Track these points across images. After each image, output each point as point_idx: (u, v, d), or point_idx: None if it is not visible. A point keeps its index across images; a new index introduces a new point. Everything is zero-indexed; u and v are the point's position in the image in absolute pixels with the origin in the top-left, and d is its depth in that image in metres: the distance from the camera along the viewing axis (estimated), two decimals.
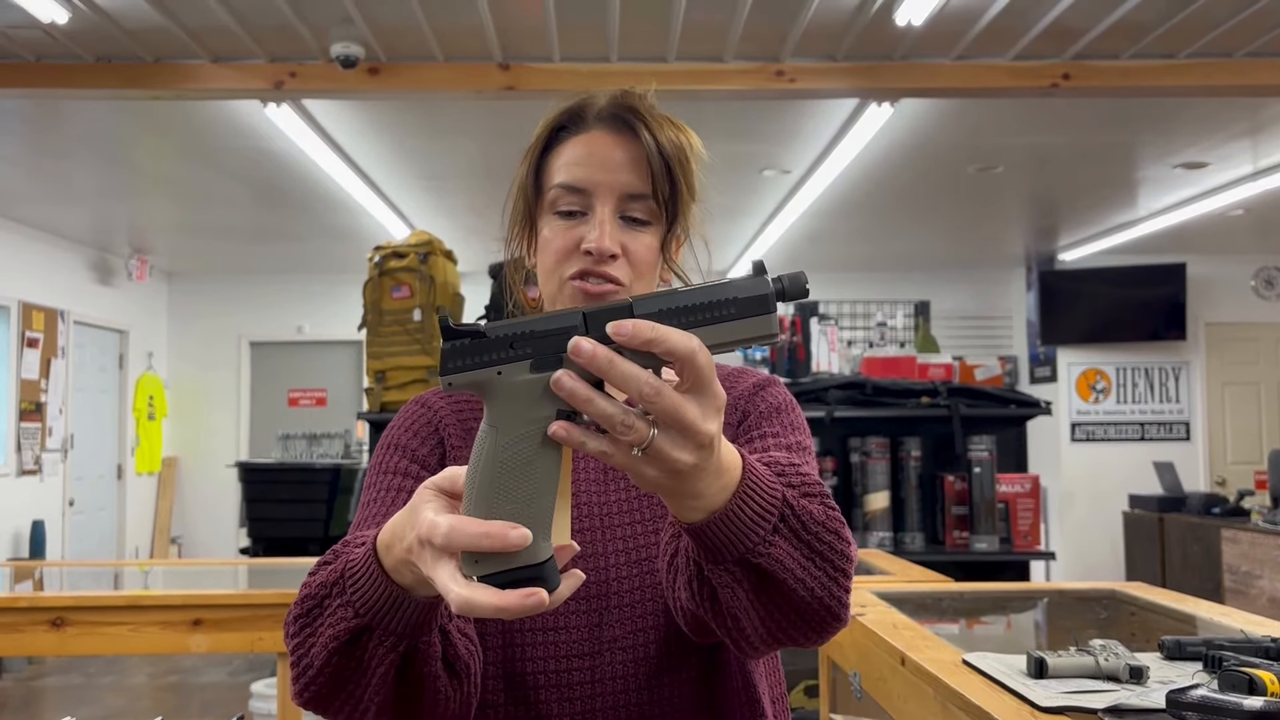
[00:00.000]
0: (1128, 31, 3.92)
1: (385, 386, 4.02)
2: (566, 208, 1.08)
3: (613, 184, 1.07)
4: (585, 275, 1.06)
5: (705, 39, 3.98)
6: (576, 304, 1.05)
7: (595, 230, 1.05)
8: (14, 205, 6.78)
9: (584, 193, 1.07)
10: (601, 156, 1.07)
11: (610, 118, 1.09)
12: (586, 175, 1.07)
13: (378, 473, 1.12)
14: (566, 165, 1.08)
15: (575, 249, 1.06)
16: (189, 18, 3.76)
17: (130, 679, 6.44)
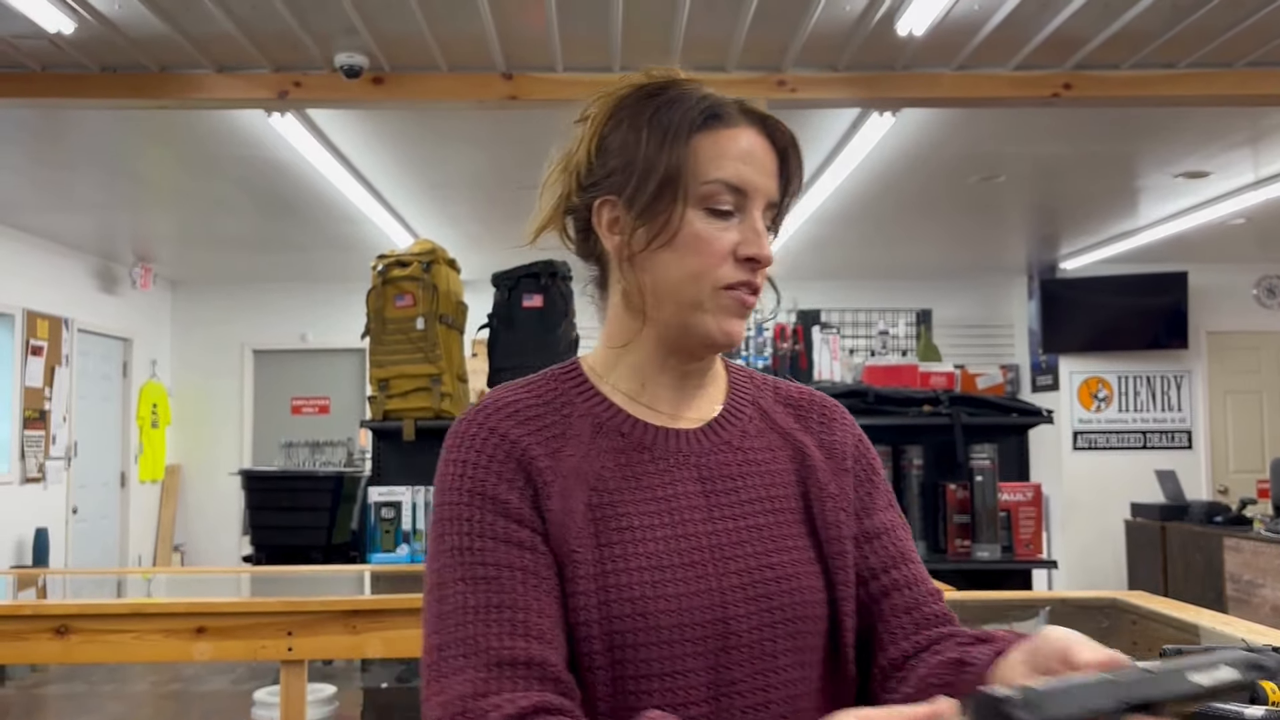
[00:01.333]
0: (1128, 41, 3.94)
1: (388, 395, 4.03)
2: (722, 206, 0.99)
3: (765, 189, 1.01)
4: (740, 286, 1.00)
5: (707, 49, 4.00)
6: (729, 317, 1.01)
7: (758, 238, 1.00)
8: (19, 213, 6.80)
9: (743, 194, 1.00)
10: (759, 158, 1.02)
11: (754, 117, 1.04)
12: (750, 176, 1.00)
13: (472, 534, 0.94)
14: (727, 160, 1.00)
15: (729, 254, 0.99)
16: (194, 28, 3.78)
17: (133, 687, 6.44)
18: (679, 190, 0.99)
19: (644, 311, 1.02)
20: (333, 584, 3.48)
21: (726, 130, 1.01)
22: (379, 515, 3.81)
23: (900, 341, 8.69)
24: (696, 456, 1.03)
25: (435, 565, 0.95)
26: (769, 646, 0.97)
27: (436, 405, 3.96)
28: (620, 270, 1.04)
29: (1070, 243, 8.02)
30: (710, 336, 1.01)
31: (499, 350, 4.10)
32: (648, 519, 0.98)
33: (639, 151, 1.00)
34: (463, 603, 0.91)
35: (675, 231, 0.99)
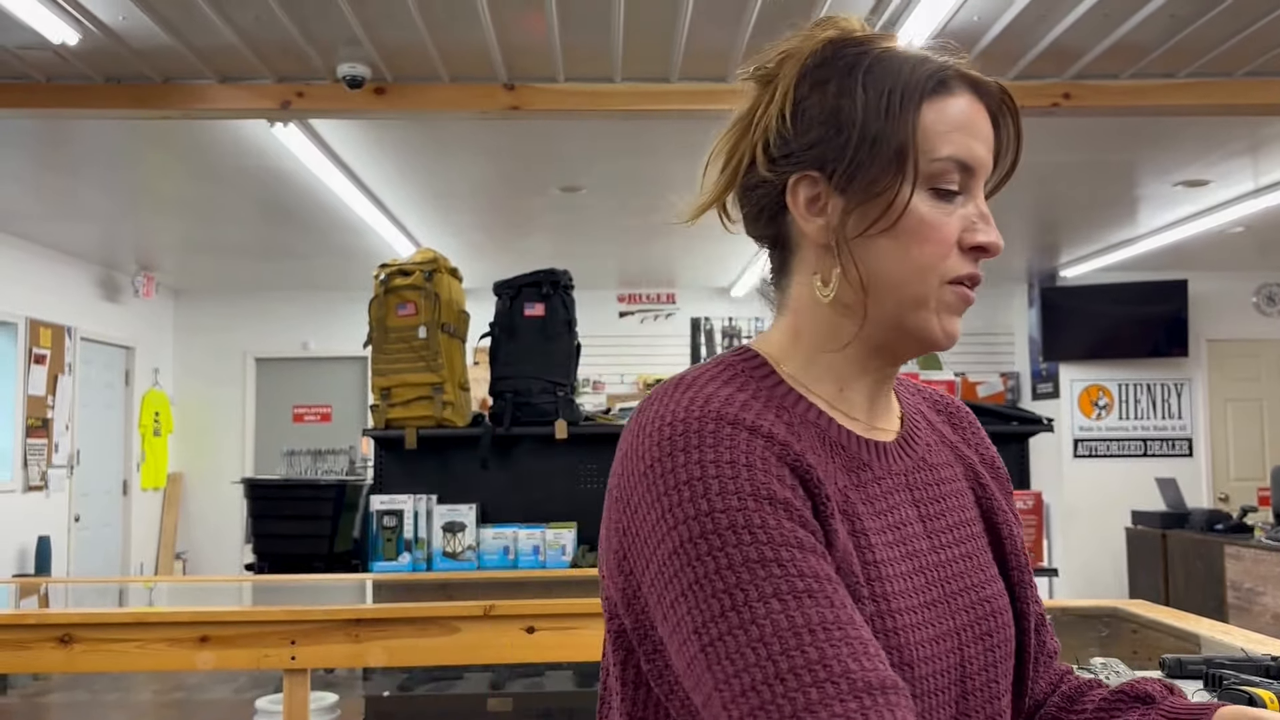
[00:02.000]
0: (1127, 52, 3.95)
1: (390, 403, 4.04)
2: (949, 186, 0.85)
3: (988, 167, 0.88)
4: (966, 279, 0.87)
5: (708, 60, 4.02)
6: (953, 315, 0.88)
7: (988, 223, 0.87)
8: (22, 222, 6.82)
9: (970, 172, 0.86)
10: (983, 130, 0.87)
11: (976, 87, 0.88)
12: (978, 152, 0.86)
13: (771, 544, 0.74)
14: (958, 132, 0.85)
15: (955, 242, 0.86)
16: (197, 39, 3.80)
17: (136, 695, 6.44)
18: (907, 167, 0.83)
19: (863, 308, 0.87)
20: (335, 593, 3.49)
21: (951, 98, 0.86)
22: (381, 524, 3.82)
23: None
24: (906, 475, 0.91)
25: (725, 582, 0.73)
26: (995, 688, 0.87)
27: (438, 414, 3.97)
28: (817, 258, 0.88)
29: (1070, 251, 8.04)
30: (933, 337, 0.88)
31: (501, 359, 4.11)
32: (888, 550, 0.85)
33: (855, 119, 0.84)
34: (789, 623, 0.72)
35: (898, 215, 0.84)
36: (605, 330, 9.08)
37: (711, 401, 0.81)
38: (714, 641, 0.73)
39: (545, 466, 3.88)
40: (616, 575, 0.83)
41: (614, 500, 0.83)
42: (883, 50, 0.88)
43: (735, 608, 0.73)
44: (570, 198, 6.11)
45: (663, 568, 0.76)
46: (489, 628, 2.58)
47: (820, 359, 0.90)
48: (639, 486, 0.79)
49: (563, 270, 3.96)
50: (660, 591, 0.77)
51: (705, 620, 0.73)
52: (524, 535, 3.73)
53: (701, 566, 0.74)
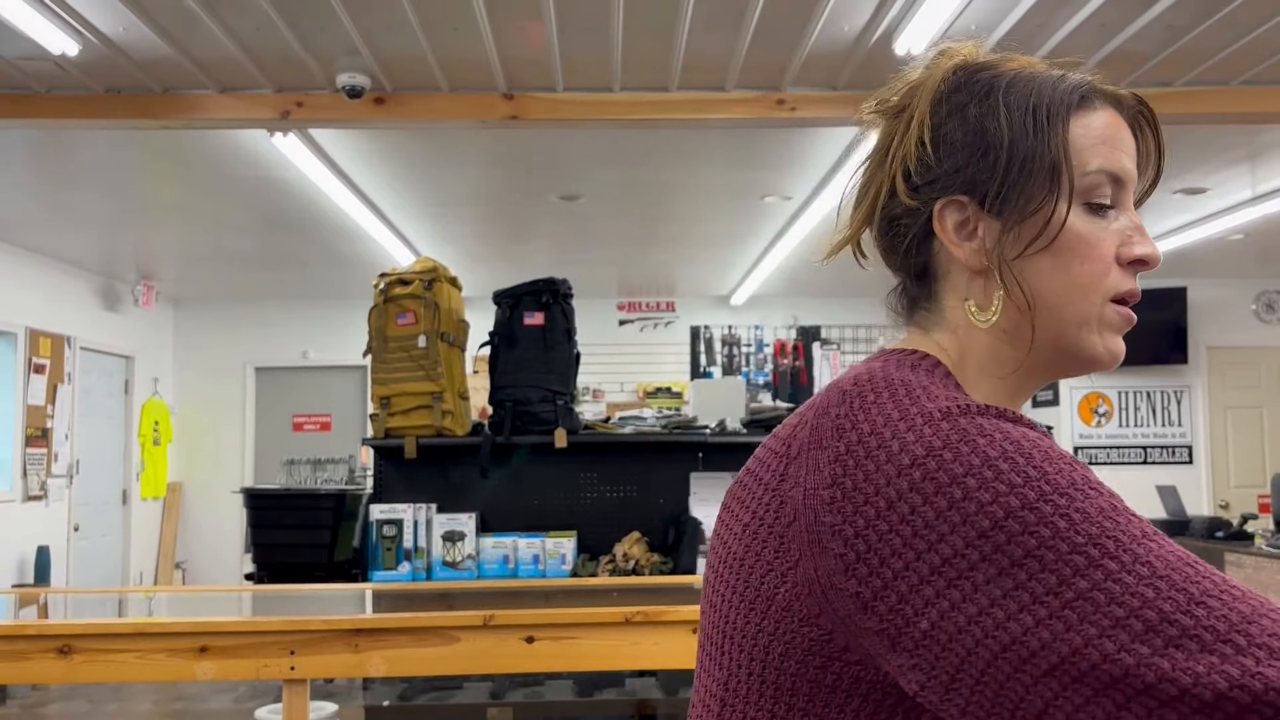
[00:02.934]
0: (1125, 60, 3.96)
1: (390, 412, 4.04)
2: (1101, 200, 0.83)
3: (1135, 180, 0.86)
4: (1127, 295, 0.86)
5: (707, 69, 4.03)
6: (1115, 334, 0.87)
7: (1144, 235, 0.85)
8: (22, 232, 6.83)
9: (1121, 185, 0.84)
10: (1129, 145, 0.86)
11: (1113, 99, 0.87)
12: (1128, 165, 0.85)
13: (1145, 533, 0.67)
14: (1105, 145, 0.84)
15: (1112, 259, 0.84)
16: (197, 49, 3.81)
17: (136, 705, 6.43)
18: (1061, 182, 0.82)
19: (1029, 331, 0.84)
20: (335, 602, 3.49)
21: (1094, 112, 0.85)
22: (381, 533, 3.82)
23: None
24: None
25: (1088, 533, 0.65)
26: None
27: (438, 423, 3.97)
28: (969, 284, 0.87)
29: None
30: (1097, 358, 0.87)
31: (500, 368, 4.11)
32: None
33: (1003, 139, 0.83)
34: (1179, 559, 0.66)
35: (1056, 232, 0.82)
36: (605, 339, 9.09)
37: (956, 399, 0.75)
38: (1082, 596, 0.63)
39: (545, 475, 3.88)
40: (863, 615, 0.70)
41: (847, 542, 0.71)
42: (1017, 71, 0.88)
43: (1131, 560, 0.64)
44: (570, 206, 6.12)
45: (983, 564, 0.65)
46: (489, 637, 2.58)
47: (983, 384, 0.87)
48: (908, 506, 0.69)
49: (562, 279, 3.97)
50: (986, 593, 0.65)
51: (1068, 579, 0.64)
52: (524, 544, 3.73)
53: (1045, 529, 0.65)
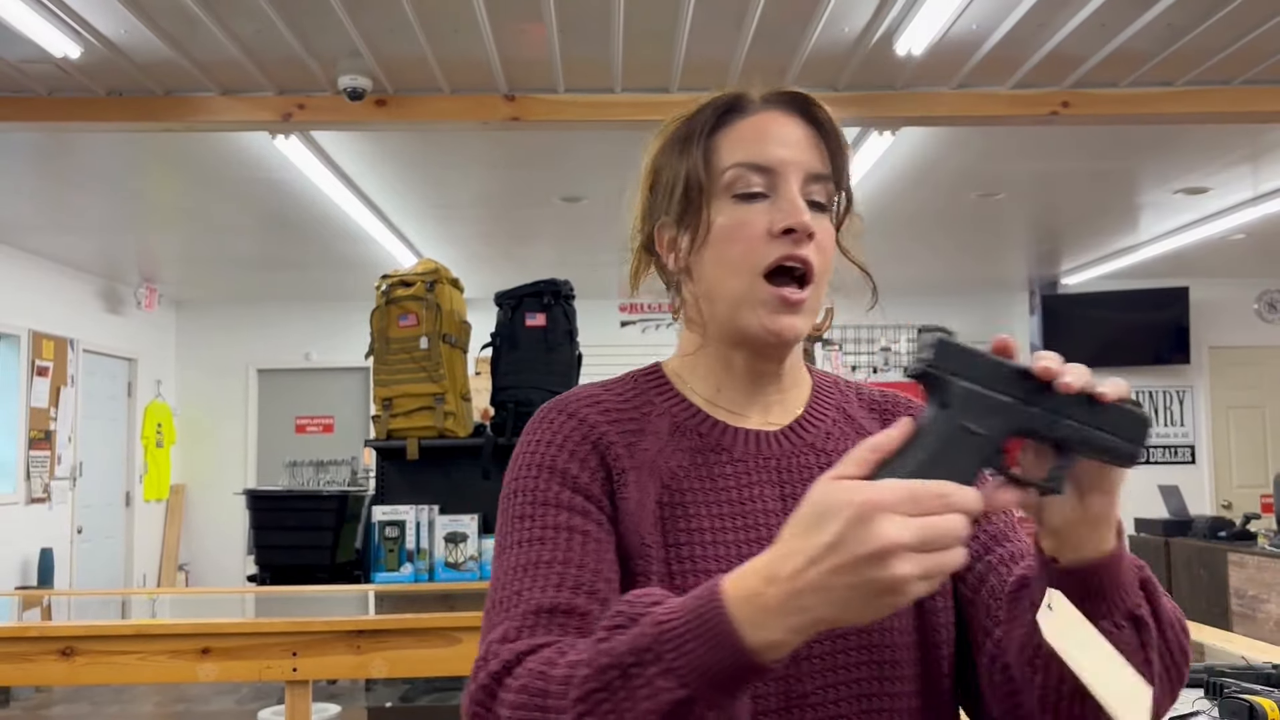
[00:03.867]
0: (1126, 60, 3.96)
1: (392, 414, 4.04)
2: (748, 189, 0.97)
3: (799, 161, 0.97)
4: (781, 270, 0.96)
5: (708, 70, 4.03)
6: (772, 313, 0.97)
7: (788, 205, 0.95)
8: (25, 235, 6.84)
9: (769, 171, 0.97)
10: (781, 134, 0.99)
11: (777, 100, 1.01)
12: (771, 152, 0.97)
13: (537, 503, 0.94)
14: (744, 143, 0.98)
15: (767, 234, 0.95)
16: (199, 52, 3.82)
17: (138, 707, 6.44)
18: (703, 187, 0.98)
19: (701, 317, 1.02)
20: (337, 604, 3.49)
21: (744, 119, 1.00)
22: (383, 534, 3.82)
23: (902, 358, 8.70)
24: (777, 459, 1.01)
25: (499, 535, 0.96)
26: (841, 659, 0.93)
27: (440, 424, 3.98)
28: (682, 285, 1.04)
29: (1071, 258, 8.04)
30: (754, 334, 0.98)
31: (502, 369, 4.11)
32: (719, 521, 0.96)
33: (667, 166, 1.02)
34: (515, 562, 0.92)
35: (709, 227, 0.98)
36: (607, 340, 9.06)
37: (570, 397, 1.02)
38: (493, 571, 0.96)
39: None
40: None
41: None
42: (702, 104, 1.04)
43: (498, 552, 0.95)
44: (571, 208, 6.12)
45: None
46: None
47: (699, 365, 1.05)
48: None
49: (564, 280, 3.97)
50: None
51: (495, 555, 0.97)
52: None
53: (498, 521, 0.98)
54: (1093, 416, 0.79)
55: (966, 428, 0.77)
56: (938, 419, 0.77)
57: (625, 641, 0.75)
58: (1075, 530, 0.80)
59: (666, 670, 0.73)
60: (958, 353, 0.79)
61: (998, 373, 0.79)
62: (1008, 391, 0.79)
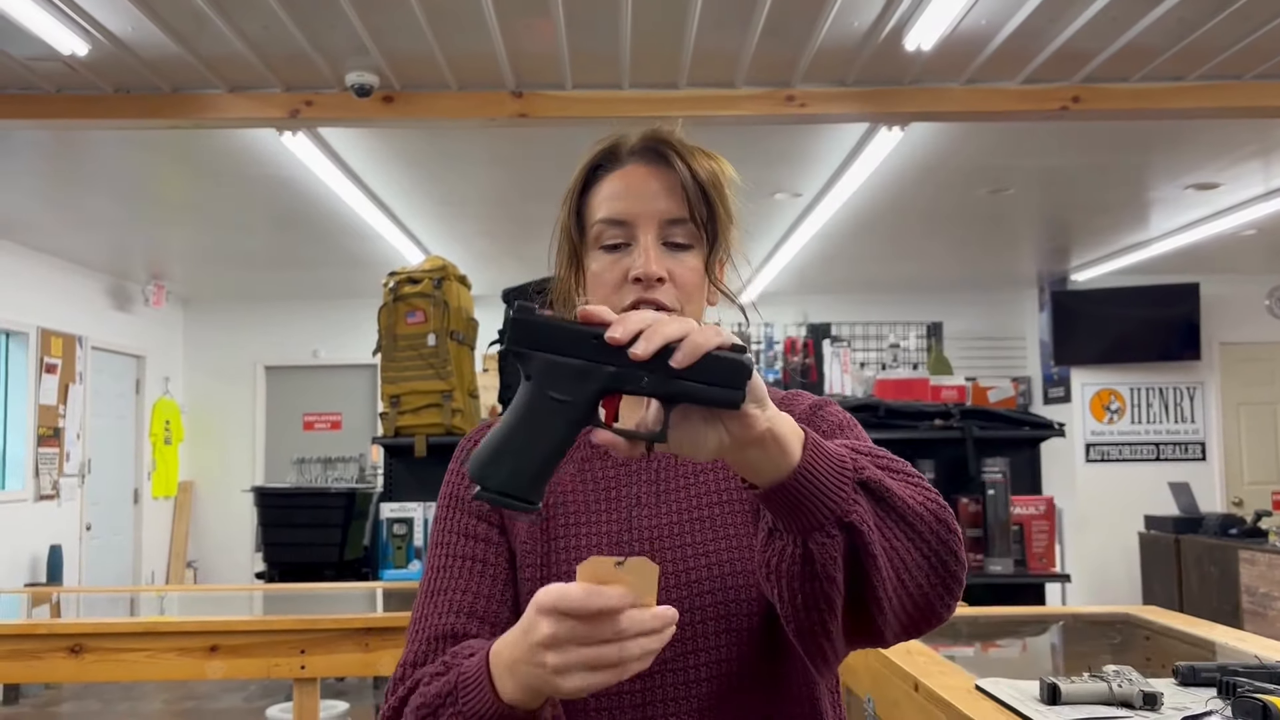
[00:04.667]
0: (1137, 54, 3.94)
1: (400, 411, 4.04)
2: (611, 241, 1.10)
3: (652, 212, 1.09)
4: (637, 306, 1.08)
5: (716, 65, 4.02)
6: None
7: (641, 257, 1.08)
8: (33, 233, 6.85)
9: (626, 224, 1.10)
10: (639, 188, 1.10)
11: (643, 151, 1.13)
12: (626, 207, 1.10)
13: (444, 531, 1.13)
14: (606, 200, 1.11)
15: (624, 280, 1.09)
16: (206, 49, 3.82)
17: (147, 705, 6.45)
18: (577, 241, 1.14)
19: None
20: (345, 601, 3.49)
21: (610, 174, 1.13)
22: (391, 531, 3.82)
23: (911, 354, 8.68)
24: (657, 461, 1.14)
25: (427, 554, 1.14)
26: (699, 629, 1.05)
27: (448, 421, 3.97)
28: None
29: (1081, 254, 8.01)
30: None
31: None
32: (594, 514, 1.12)
33: (560, 220, 1.17)
34: (425, 588, 1.10)
35: (585, 275, 1.13)
36: None
37: (483, 426, 1.19)
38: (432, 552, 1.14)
39: None
40: None
41: None
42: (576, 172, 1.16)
43: (426, 565, 1.13)
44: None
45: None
46: None
47: None
48: None
49: None
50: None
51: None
52: None
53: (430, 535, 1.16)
54: (685, 368, 0.82)
55: (551, 396, 0.83)
56: (524, 390, 0.84)
57: (437, 687, 0.94)
58: (744, 457, 0.85)
59: (457, 713, 0.91)
60: (535, 327, 0.85)
61: (578, 341, 0.84)
62: (588, 357, 0.83)
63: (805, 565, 0.88)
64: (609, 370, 0.83)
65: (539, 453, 0.83)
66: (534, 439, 0.83)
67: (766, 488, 0.87)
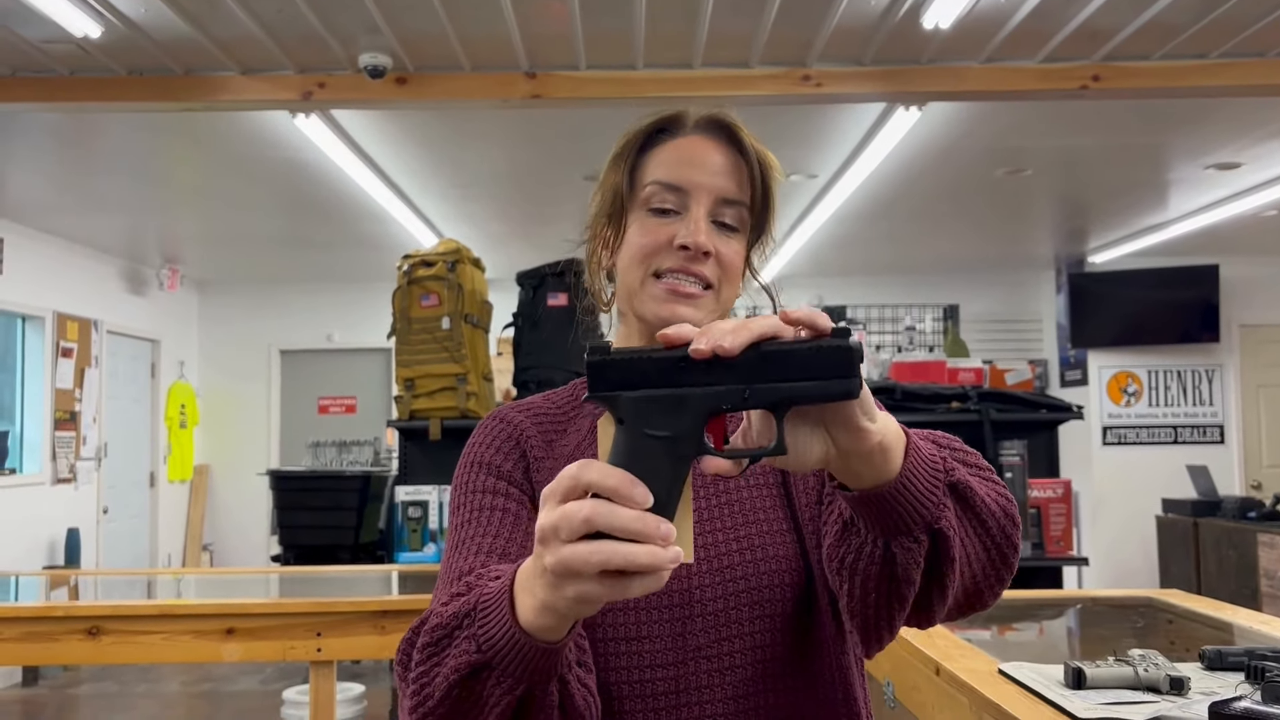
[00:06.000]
0: (1158, 32, 3.89)
1: (414, 394, 4.03)
2: (661, 205, 1.08)
3: (711, 186, 1.08)
4: (676, 273, 1.07)
5: (731, 45, 3.98)
6: (661, 303, 1.07)
7: (691, 226, 1.06)
8: (47, 217, 6.86)
9: (681, 191, 1.08)
10: (702, 159, 1.09)
11: (709, 125, 1.11)
12: (686, 174, 1.08)
13: (467, 492, 1.10)
14: (666, 164, 1.09)
15: (665, 245, 1.07)
16: (218, 30, 3.80)
17: (164, 687, 6.49)
18: (624, 200, 1.12)
19: (622, 313, 1.16)
20: (361, 584, 3.49)
21: (673, 140, 1.11)
22: (406, 514, 3.81)
23: (927, 337, 8.64)
24: None
25: (451, 513, 1.12)
26: (733, 615, 1.03)
27: (462, 404, 3.97)
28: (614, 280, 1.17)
29: (1099, 236, 7.95)
30: (645, 317, 1.09)
31: (524, 349, 4.09)
32: None
33: (608, 176, 1.15)
34: (452, 543, 1.07)
35: (624, 234, 1.11)
36: None
37: (507, 405, 1.18)
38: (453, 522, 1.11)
39: None
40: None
41: None
42: (641, 124, 1.14)
43: (450, 528, 1.10)
44: (593, 186, 6.07)
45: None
46: None
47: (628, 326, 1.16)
48: None
49: None
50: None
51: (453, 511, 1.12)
52: None
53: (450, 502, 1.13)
54: (782, 369, 0.76)
55: (649, 435, 0.76)
56: (619, 437, 0.77)
57: (455, 607, 0.87)
58: (847, 465, 0.83)
59: (470, 636, 0.84)
60: (614, 366, 0.78)
61: (661, 369, 0.77)
62: (677, 383, 0.77)
63: (885, 565, 0.88)
64: (706, 391, 0.76)
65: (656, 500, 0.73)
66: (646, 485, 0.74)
67: (861, 492, 0.85)
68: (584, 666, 0.92)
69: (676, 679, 1.02)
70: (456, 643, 0.85)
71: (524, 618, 0.80)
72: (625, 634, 1.02)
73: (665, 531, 0.71)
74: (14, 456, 7.09)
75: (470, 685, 0.84)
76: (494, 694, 0.83)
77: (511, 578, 0.83)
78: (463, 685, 0.84)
